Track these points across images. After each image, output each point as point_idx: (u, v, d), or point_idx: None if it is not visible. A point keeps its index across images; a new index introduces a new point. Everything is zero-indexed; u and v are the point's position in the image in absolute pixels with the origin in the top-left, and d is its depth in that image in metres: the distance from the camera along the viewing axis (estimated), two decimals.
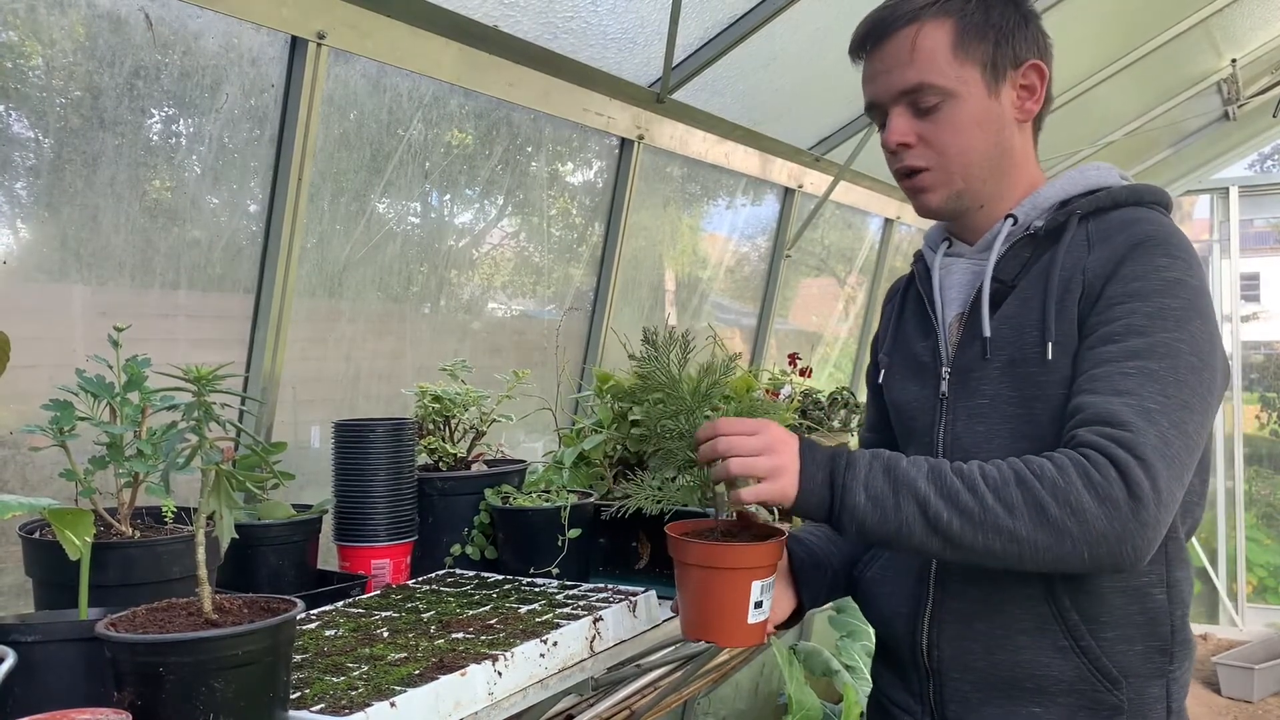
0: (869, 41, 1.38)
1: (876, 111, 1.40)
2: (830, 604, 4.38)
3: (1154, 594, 1.26)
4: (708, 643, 1.36)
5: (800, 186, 3.94)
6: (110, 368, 1.35)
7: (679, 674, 3.14)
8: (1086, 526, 1.12)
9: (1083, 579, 1.24)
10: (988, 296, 1.33)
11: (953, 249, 1.44)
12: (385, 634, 1.42)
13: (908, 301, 1.52)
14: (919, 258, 1.50)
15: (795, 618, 1.49)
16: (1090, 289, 1.26)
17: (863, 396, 2.88)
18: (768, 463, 1.22)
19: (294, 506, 1.77)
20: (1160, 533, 1.13)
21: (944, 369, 1.38)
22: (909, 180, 1.39)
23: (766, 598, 1.30)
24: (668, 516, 1.36)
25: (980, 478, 1.17)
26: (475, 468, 2.04)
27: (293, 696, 1.15)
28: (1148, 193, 1.35)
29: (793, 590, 1.47)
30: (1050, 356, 1.26)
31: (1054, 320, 1.27)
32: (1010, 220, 1.35)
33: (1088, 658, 1.26)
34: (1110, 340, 1.21)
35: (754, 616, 1.28)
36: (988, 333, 1.32)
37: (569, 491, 1.95)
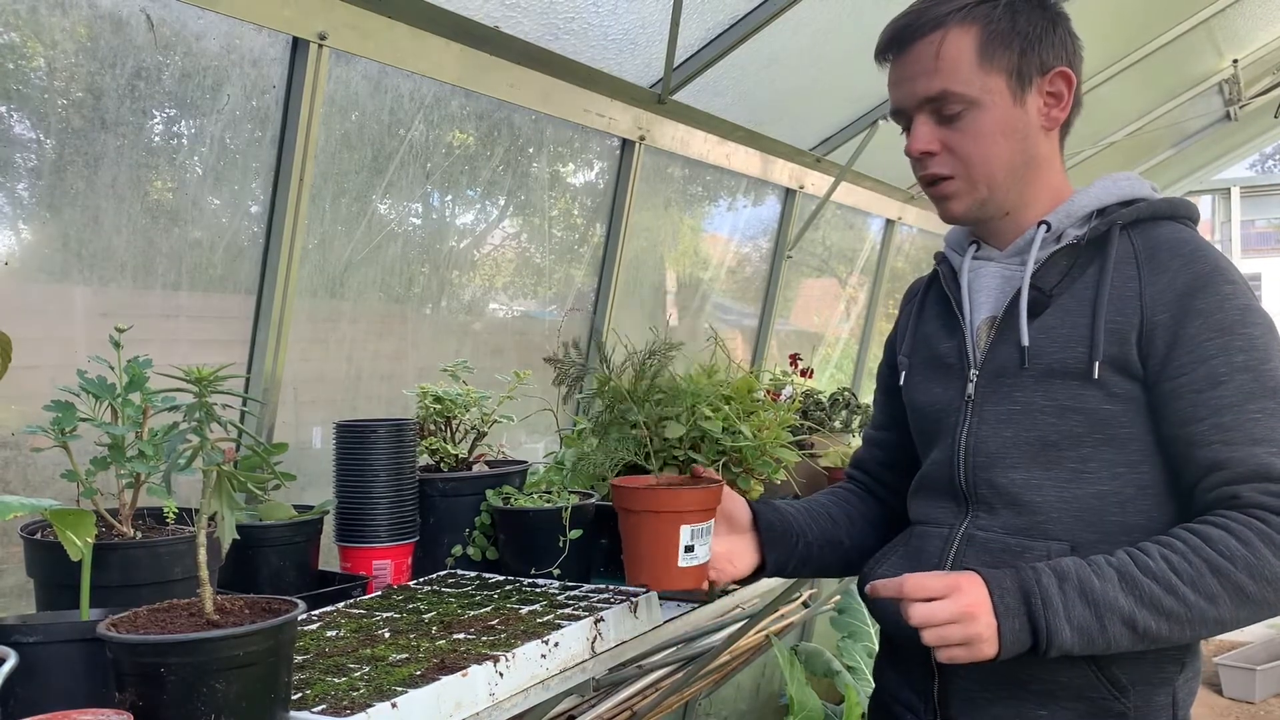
0: (894, 47, 1.37)
1: (901, 117, 1.40)
2: (832, 604, 4.33)
3: None
4: (645, 587, 1.45)
5: (801, 187, 3.94)
6: (112, 368, 1.35)
7: (680, 675, 3.14)
8: None
9: None
10: (1025, 303, 1.33)
11: (981, 252, 1.44)
12: (386, 635, 1.42)
13: (928, 302, 1.52)
14: (942, 259, 1.50)
15: (756, 575, 1.55)
16: (1157, 322, 1.26)
17: (864, 397, 2.88)
18: (963, 631, 1.19)
19: (295, 507, 1.77)
20: None
21: (971, 371, 1.38)
22: (933, 188, 1.39)
23: (699, 543, 1.36)
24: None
25: (1172, 573, 1.18)
26: (476, 468, 2.04)
27: (294, 697, 1.15)
28: (1182, 207, 1.37)
29: (757, 549, 1.52)
30: (1097, 375, 1.27)
31: (1103, 339, 1.27)
32: (1044, 227, 1.35)
33: (1096, 664, 1.26)
34: (1217, 383, 1.23)
35: (685, 560, 1.35)
36: (1026, 341, 1.32)
37: (570, 492, 1.95)
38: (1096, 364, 1.27)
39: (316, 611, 1.55)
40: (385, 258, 2.40)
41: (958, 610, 1.19)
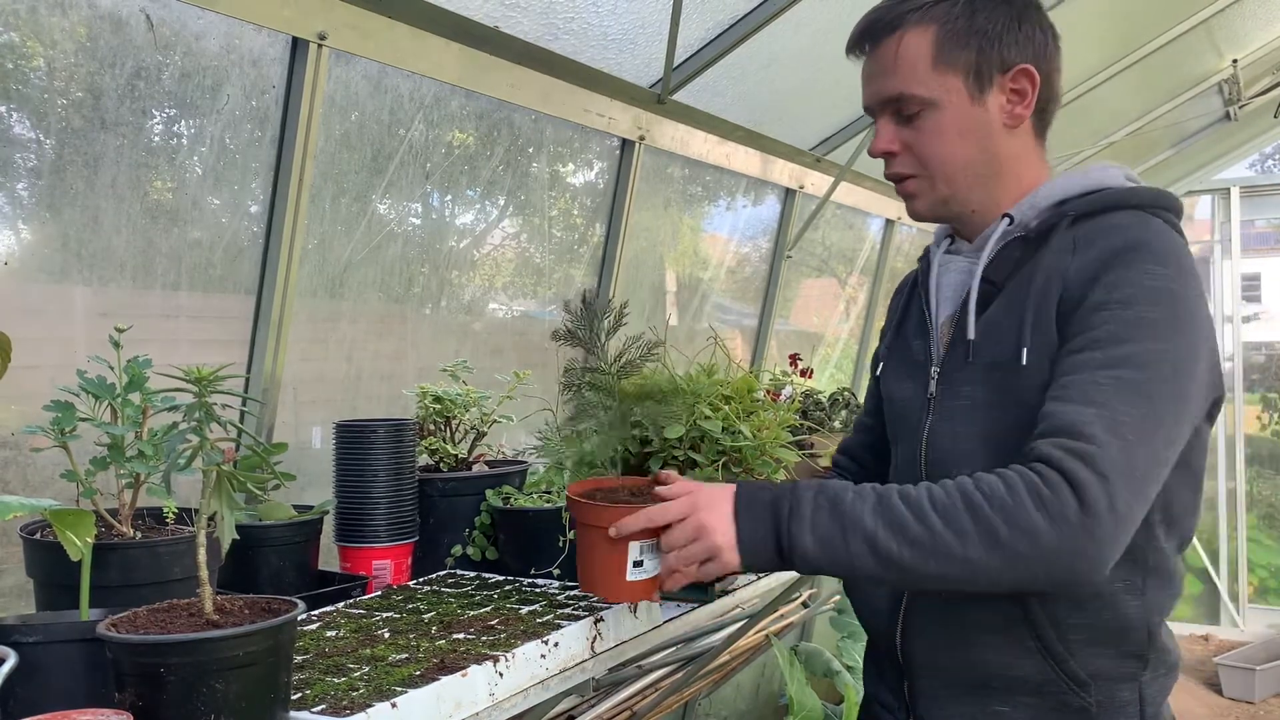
0: (860, 45, 1.39)
1: (870, 114, 1.41)
2: (832, 604, 4.32)
3: (1126, 601, 1.24)
4: (596, 596, 1.47)
5: (801, 187, 3.94)
6: (111, 368, 1.35)
7: (680, 675, 3.14)
8: (1039, 547, 1.10)
9: None
10: (975, 298, 1.32)
11: (953, 246, 1.44)
12: (386, 635, 1.42)
13: (913, 298, 1.52)
14: (924, 254, 1.50)
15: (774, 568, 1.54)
16: (1070, 294, 1.23)
17: (863, 397, 2.87)
18: (702, 547, 1.25)
19: (295, 507, 1.77)
20: (1117, 549, 1.12)
21: (933, 369, 1.38)
22: (898, 186, 1.40)
23: (649, 558, 1.37)
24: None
25: (929, 504, 1.16)
26: (476, 468, 2.04)
27: (294, 697, 1.15)
28: (1148, 196, 1.31)
29: None
30: (1025, 362, 1.24)
31: (1030, 325, 1.25)
32: (1006, 220, 1.34)
33: (1053, 659, 1.25)
34: (1088, 348, 1.19)
35: (633, 574, 1.37)
36: (970, 335, 1.31)
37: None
38: (1024, 352, 1.25)
39: (316, 611, 1.55)
40: (385, 258, 2.40)
41: (693, 528, 1.25)
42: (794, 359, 2.92)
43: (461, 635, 1.41)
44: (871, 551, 1.16)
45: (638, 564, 1.37)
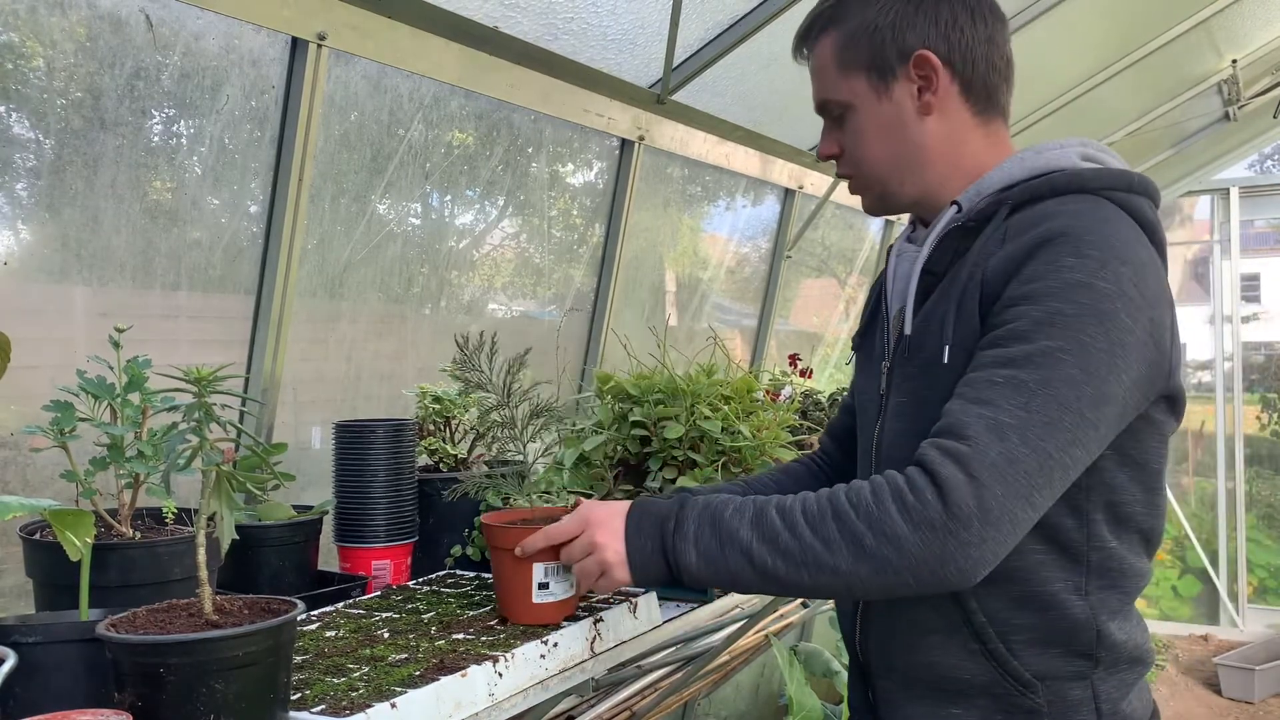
0: (798, 55, 1.42)
1: None
2: (831, 604, 4.35)
3: (1069, 601, 1.21)
4: (504, 619, 1.50)
5: (801, 187, 3.94)
6: (111, 369, 1.35)
7: (680, 675, 3.14)
8: (904, 553, 1.09)
9: (987, 583, 1.14)
10: (913, 291, 1.29)
11: (914, 235, 1.40)
12: (386, 635, 1.42)
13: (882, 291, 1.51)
14: (892, 244, 1.47)
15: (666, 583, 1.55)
16: (990, 289, 1.19)
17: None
18: (594, 562, 1.29)
19: (294, 507, 1.77)
20: (990, 552, 1.08)
21: (883, 364, 1.36)
22: (848, 186, 1.42)
23: (555, 580, 1.42)
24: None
25: (800, 514, 1.16)
26: (475, 468, 2.04)
27: (293, 697, 1.15)
28: (1098, 178, 1.23)
29: None
30: (946, 360, 1.21)
31: (952, 321, 1.22)
32: (954, 208, 1.29)
33: (996, 660, 1.22)
34: (992, 346, 1.15)
35: (539, 597, 1.43)
36: (908, 330, 1.29)
37: (569, 492, 1.95)
38: (946, 349, 1.22)
39: (316, 612, 1.55)
40: (384, 258, 2.40)
41: (586, 544, 1.30)
42: (793, 359, 2.92)
43: (461, 635, 1.41)
44: (749, 564, 1.17)
45: (543, 586, 1.42)
